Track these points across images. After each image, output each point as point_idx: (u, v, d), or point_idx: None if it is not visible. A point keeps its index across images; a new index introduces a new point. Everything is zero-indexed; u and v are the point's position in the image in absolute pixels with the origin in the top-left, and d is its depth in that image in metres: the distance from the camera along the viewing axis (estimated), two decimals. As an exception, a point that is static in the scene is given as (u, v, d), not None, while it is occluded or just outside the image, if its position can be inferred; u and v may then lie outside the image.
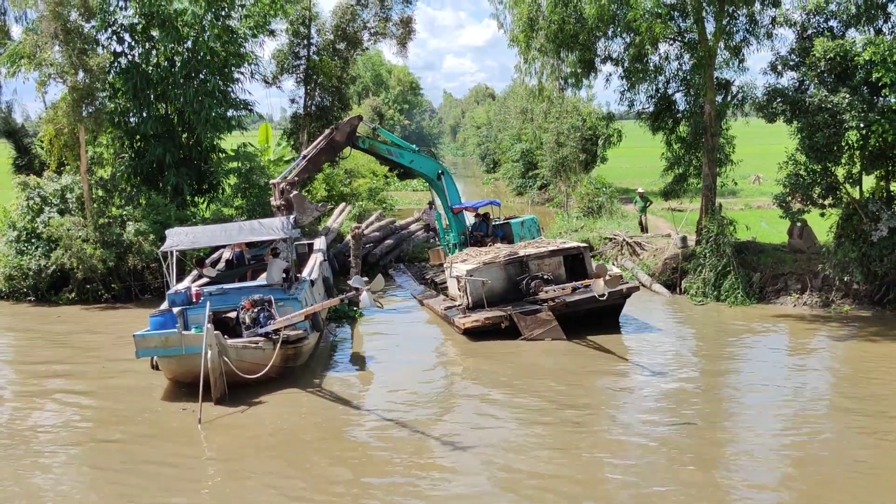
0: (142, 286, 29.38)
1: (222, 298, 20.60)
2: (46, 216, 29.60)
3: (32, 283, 28.95)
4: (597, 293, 21.26)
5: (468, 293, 23.80)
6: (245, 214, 31.24)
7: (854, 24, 24.93)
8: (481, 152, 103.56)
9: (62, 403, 18.63)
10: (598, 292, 21.19)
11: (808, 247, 27.38)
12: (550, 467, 14.37)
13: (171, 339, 18.04)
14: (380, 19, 40.97)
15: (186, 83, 31.84)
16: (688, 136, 29.87)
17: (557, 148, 48.20)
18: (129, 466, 14.95)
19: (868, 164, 24.79)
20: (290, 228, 21.83)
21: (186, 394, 18.12)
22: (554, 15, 27.96)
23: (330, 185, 44.60)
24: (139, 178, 32.63)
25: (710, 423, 16.41)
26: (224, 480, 14.48)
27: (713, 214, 27.63)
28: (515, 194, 64.18)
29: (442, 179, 29.07)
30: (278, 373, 19.17)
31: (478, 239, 28.86)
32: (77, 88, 28.28)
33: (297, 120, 42.70)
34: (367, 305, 19.60)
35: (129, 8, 31.32)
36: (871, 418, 16.31)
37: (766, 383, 18.74)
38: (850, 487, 13.37)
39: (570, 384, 18.98)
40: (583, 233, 34.55)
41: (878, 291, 24.96)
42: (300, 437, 16.22)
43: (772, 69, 26.29)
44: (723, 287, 26.41)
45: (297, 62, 41.55)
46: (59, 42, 28.15)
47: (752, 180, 54.18)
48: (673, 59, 29.61)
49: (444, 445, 15.44)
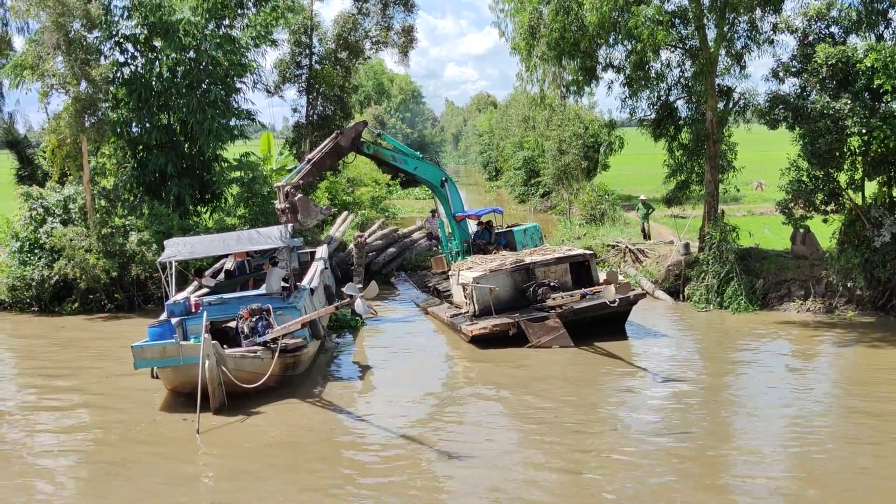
0: (145, 296, 29.39)
1: (222, 308, 20.60)
2: (49, 226, 29.65)
3: (35, 294, 28.97)
4: (608, 300, 21.28)
5: (474, 300, 23.78)
6: (248, 224, 31.27)
7: (855, 30, 24.97)
8: (483, 160, 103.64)
9: (62, 413, 18.66)
10: (609, 299, 21.22)
11: (811, 253, 27.35)
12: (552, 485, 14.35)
13: (168, 350, 18.01)
14: (381, 28, 41.08)
15: (189, 93, 31.88)
16: (690, 142, 29.88)
17: (559, 155, 48.26)
18: (125, 476, 14.94)
19: (870, 170, 24.80)
20: (288, 237, 21.83)
21: (185, 404, 18.07)
22: (555, 23, 27.98)
23: (332, 194, 44.61)
24: (142, 188, 32.69)
25: (714, 433, 16.40)
26: (222, 490, 14.44)
27: (716, 221, 27.61)
28: (518, 202, 64.22)
29: (445, 187, 29.06)
30: (278, 381, 19.13)
31: (480, 247, 28.86)
32: (79, 99, 28.36)
33: (300, 129, 42.78)
34: (362, 312, 19.70)
35: (131, 18, 31.38)
36: (876, 425, 16.26)
37: (769, 390, 18.71)
38: (854, 494, 13.33)
39: (577, 392, 18.97)
40: (585, 240, 34.52)
41: (881, 297, 24.95)
42: (299, 447, 16.17)
43: (773, 76, 26.32)
44: (726, 294, 26.37)
45: (299, 71, 41.67)
46: (61, 52, 28.23)
47: (755, 187, 54.17)
48: (674, 66, 29.63)
49: (445, 457, 15.35)
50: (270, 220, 29.34)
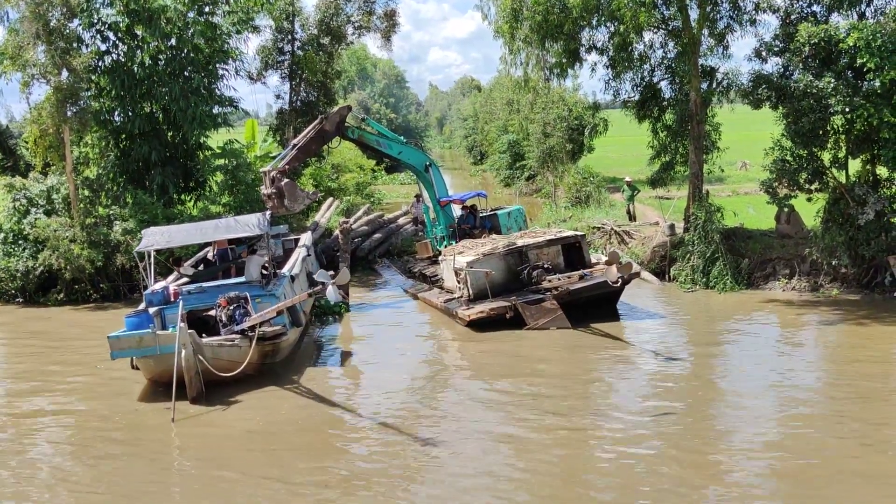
0: (130, 285, 29.26)
1: (201, 297, 20.48)
2: (33, 217, 29.50)
3: (20, 285, 28.83)
4: (610, 280, 21.24)
5: (469, 285, 23.82)
6: (233, 211, 31.13)
7: (837, 8, 25.03)
8: (468, 144, 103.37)
9: (43, 404, 18.64)
10: (611, 279, 21.18)
11: (796, 232, 27.44)
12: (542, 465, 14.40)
13: (145, 340, 17.90)
14: (363, 13, 40.80)
15: (171, 81, 31.65)
16: (674, 123, 29.94)
17: (544, 138, 48.15)
18: (99, 466, 15.00)
19: (854, 149, 24.88)
20: (266, 225, 21.72)
21: (164, 393, 17.86)
22: (538, 5, 27.90)
23: (317, 181, 44.45)
24: (125, 178, 32.49)
25: (704, 411, 16.54)
26: (196, 480, 14.43)
27: (701, 201, 27.67)
28: (503, 185, 64.15)
29: (430, 171, 29.04)
30: (257, 370, 19.07)
31: (466, 231, 28.86)
32: (61, 88, 28.15)
33: (283, 115, 42.53)
34: (332, 300, 19.70)
35: (112, 6, 31.12)
36: (860, 401, 16.40)
37: (756, 367, 18.83)
38: (839, 470, 13.45)
39: (573, 373, 19.10)
40: (571, 223, 34.54)
41: (865, 274, 25.10)
42: (276, 436, 16.07)
43: (756, 55, 26.39)
44: (711, 274, 26.47)
45: (282, 58, 41.42)
46: (41, 42, 27.99)
47: (739, 167, 54.26)
48: (657, 47, 29.69)
49: (431, 442, 15.35)
50: (256, 208, 29.24)
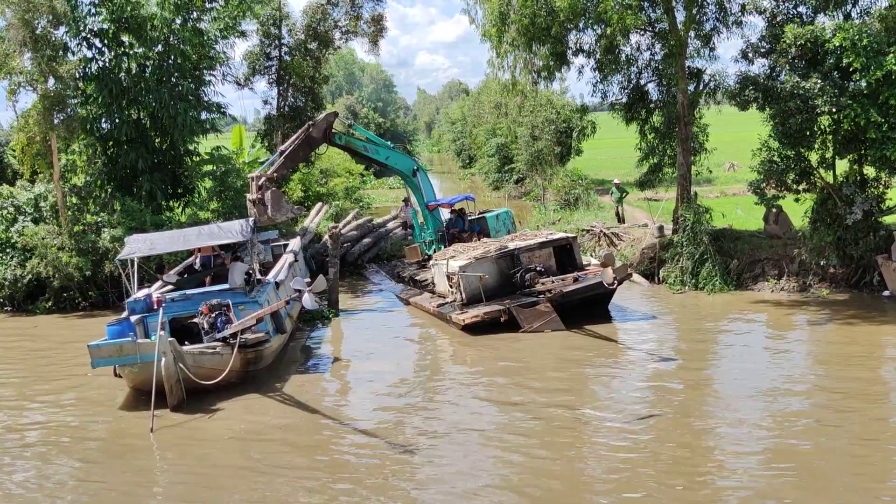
0: (119, 293, 29.10)
1: (185, 304, 20.32)
2: (21, 225, 29.42)
3: (9, 294, 28.74)
4: (606, 282, 21.25)
5: (462, 289, 23.80)
6: (221, 217, 31.03)
7: (823, 9, 25.08)
8: (457, 148, 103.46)
9: (28, 412, 18.59)
10: (607, 281, 21.19)
11: (784, 232, 27.52)
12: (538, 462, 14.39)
13: (126, 348, 17.79)
14: (351, 18, 40.78)
15: (159, 87, 31.58)
16: (661, 125, 29.99)
17: (532, 141, 48.29)
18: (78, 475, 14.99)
19: (841, 149, 24.93)
20: (249, 231, 21.62)
21: (147, 402, 17.63)
22: (525, 8, 27.90)
23: (306, 186, 44.44)
24: (113, 185, 32.38)
25: (696, 411, 16.56)
26: (177, 487, 14.40)
27: (689, 203, 27.72)
28: (492, 189, 64.27)
29: (417, 176, 29.04)
30: (240, 377, 18.97)
31: (454, 235, 28.86)
32: (48, 96, 28.06)
33: (271, 121, 42.48)
34: (309, 307, 19.67)
35: (99, 14, 31.04)
36: (850, 400, 16.40)
37: (746, 367, 18.85)
38: (829, 469, 13.50)
39: (568, 376, 19.12)
40: (560, 225, 34.60)
41: (854, 274, 25.17)
42: (260, 443, 16.00)
43: (743, 57, 26.46)
44: (700, 275, 26.50)
45: (269, 63, 41.37)
46: (28, 49, 27.89)
47: (727, 168, 54.43)
48: (644, 49, 29.71)
49: (419, 446, 15.37)
50: (244, 214, 29.11)
